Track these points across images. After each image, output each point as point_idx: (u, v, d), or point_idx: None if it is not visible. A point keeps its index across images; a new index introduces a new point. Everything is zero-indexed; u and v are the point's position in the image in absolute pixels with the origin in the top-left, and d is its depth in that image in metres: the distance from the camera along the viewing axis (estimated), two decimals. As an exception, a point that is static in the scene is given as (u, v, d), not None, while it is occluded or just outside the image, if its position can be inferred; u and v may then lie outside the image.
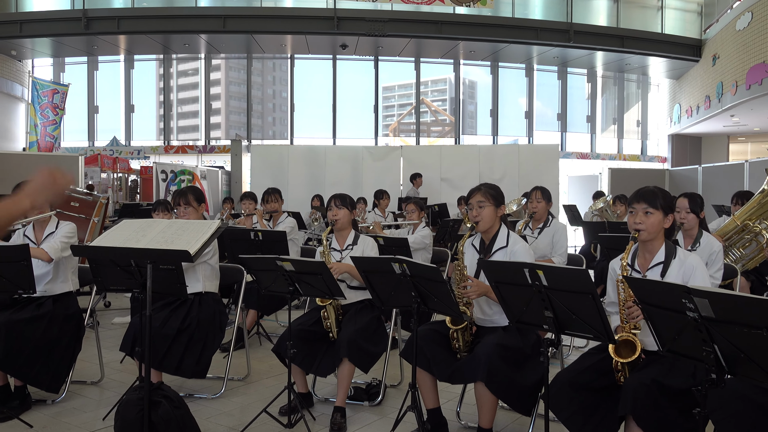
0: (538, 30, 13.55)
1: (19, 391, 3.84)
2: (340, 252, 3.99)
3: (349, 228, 4.07)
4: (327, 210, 4.10)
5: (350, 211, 4.05)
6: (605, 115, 17.74)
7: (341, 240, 4.06)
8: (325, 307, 3.72)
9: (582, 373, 2.76)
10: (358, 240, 4.03)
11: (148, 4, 13.32)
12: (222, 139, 16.53)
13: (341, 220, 4.01)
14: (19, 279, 3.46)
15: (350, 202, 4.08)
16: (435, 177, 12.67)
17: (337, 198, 4.05)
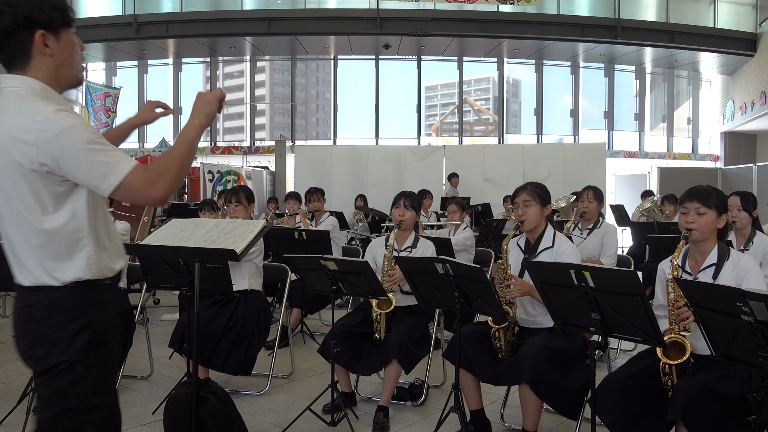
0: (585, 27, 13.29)
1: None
2: (398, 253, 3.97)
3: (411, 230, 4.05)
4: (393, 208, 4.02)
5: (417, 213, 4.01)
6: (654, 112, 17.28)
7: (401, 240, 4.02)
8: (380, 314, 3.69)
9: (630, 377, 2.70)
10: (418, 243, 4.01)
11: (195, 8, 13.61)
12: (267, 139, 16.77)
13: (407, 221, 3.96)
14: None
15: (419, 204, 4.02)
16: (478, 177, 12.57)
17: (407, 198, 3.97)
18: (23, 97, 1.67)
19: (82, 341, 1.74)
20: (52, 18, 1.71)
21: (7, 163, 1.66)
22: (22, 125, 1.63)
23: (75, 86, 1.86)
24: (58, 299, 1.74)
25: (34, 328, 1.75)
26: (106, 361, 1.82)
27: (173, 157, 1.77)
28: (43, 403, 1.77)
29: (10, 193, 1.69)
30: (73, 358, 1.74)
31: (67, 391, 1.75)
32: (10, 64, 1.73)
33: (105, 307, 1.80)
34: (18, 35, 1.68)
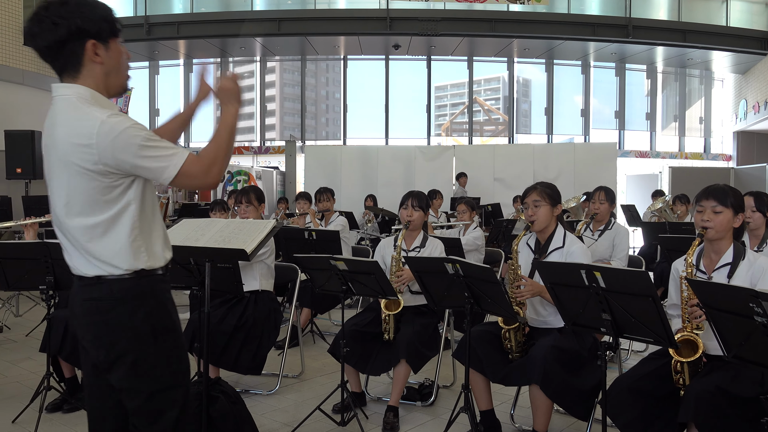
0: (595, 26, 13.23)
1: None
2: (407, 253, 3.96)
3: (420, 229, 4.04)
4: (401, 208, 4.02)
5: (425, 213, 3.99)
6: (666, 112, 17.16)
7: (409, 241, 4.02)
8: (389, 315, 3.69)
9: (642, 378, 2.68)
10: (427, 242, 4.00)
11: (206, 9, 13.67)
12: (276, 140, 16.82)
13: (415, 221, 3.95)
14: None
15: (426, 204, 4.01)
16: (488, 177, 12.54)
17: (415, 198, 3.95)
18: (76, 104, 1.81)
19: (147, 328, 1.87)
20: (101, 29, 1.84)
21: (66, 165, 1.80)
22: (81, 131, 1.76)
23: (121, 92, 1.99)
24: (120, 290, 1.85)
25: (101, 320, 1.85)
26: (173, 345, 1.94)
27: (219, 145, 1.91)
28: (128, 395, 1.89)
29: (71, 191, 1.82)
30: (142, 345, 1.86)
31: (147, 376, 1.88)
32: (62, 71, 1.85)
33: (161, 295, 1.93)
34: (71, 45, 1.81)
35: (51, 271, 3.57)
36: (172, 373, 1.94)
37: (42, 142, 1.93)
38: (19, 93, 12.18)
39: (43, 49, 1.83)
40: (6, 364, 4.84)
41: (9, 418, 3.66)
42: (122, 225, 1.85)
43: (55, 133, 1.83)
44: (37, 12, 1.81)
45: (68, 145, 1.79)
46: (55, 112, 1.85)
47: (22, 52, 12.34)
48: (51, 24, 1.79)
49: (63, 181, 1.83)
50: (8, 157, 9.96)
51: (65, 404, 3.80)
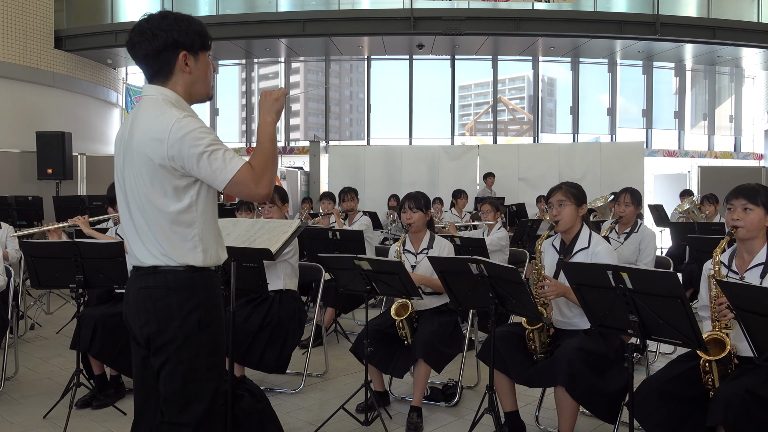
0: (622, 23, 13.03)
1: (114, 380, 4.07)
2: (415, 255, 3.94)
3: (424, 230, 3.99)
4: (400, 212, 4.01)
5: (425, 213, 3.94)
6: (694, 110, 16.86)
7: (416, 243, 3.99)
8: (401, 320, 3.67)
9: (670, 381, 2.64)
10: (434, 243, 3.96)
11: (231, 11, 13.79)
12: (301, 140, 16.90)
13: (416, 223, 3.92)
14: (114, 274, 3.67)
15: (425, 203, 3.95)
16: (513, 176, 12.46)
17: (411, 200, 3.92)
18: (160, 103, 1.98)
19: (194, 320, 1.99)
20: (193, 41, 2.05)
21: (141, 157, 1.95)
22: (158, 127, 1.92)
23: (205, 100, 2.16)
24: (174, 281, 1.99)
25: (153, 307, 1.99)
26: (215, 340, 2.06)
27: (266, 155, 2.00)
28: (169, 377, 2.00)
29: (142, 184, 1.96)
30: (187, 334, 1.98)
31: (186, 364, 1.99)
32: (154, 76, 2.04)
33: (212, 290, 2.05)
34: (166, 54, 2.01)
35: (81, 270, 3.63)
36: (208, 367, 2.04)
37: (117, 135, 2.12)
38: (50, 95, 12.44)
39: (140, 57, 2.03)
40: (37, 360, 4.95)
41: (40, 413, 3.74)
42: (185, 221, 1.99)
43: (134, 127, 1.99)
44: (140, 24, 2.02)
45: (145, 139, 1.94)
46: (139, 109, 2.04)
47: (52, 55, 12.59)
48: (151, 35, 1.99)
49: (137, 172, 1.97)
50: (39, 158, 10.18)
51: (94, 401, 3.87)
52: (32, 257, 3.73)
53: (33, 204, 8.07)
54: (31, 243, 3.82)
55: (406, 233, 3.98)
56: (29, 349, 5.26)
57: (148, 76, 2.07)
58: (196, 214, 2.01)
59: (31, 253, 3.72)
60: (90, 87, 13.74)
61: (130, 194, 2.02)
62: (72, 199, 8.46)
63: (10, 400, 4.03)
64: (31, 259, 3.73)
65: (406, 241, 4.00)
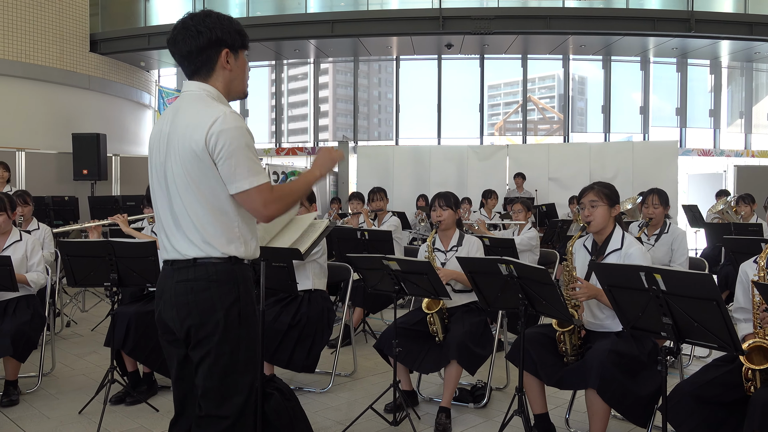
0: (656, 20, 12.79)
1: (147, 377, 4.14)
2: (445, 253, 3.95)
3: (453, 228, 4.02)
4: (430, 210, 4.05)
5: (455, 211, 3.98)
6: (731, 108, 16.46)
7: (446, 241, 4.01)
8: (432, 314, 3.69)
9: (706, 385, 2.58)
10: (463, 240, 3.97)
11: (261, 13, 13.93)
12: (329, 140, 16.97)
13: (445, 221, 3.95)
14: (147, 273, 3.74)
15: (455, 202, 3.99)
16: (543, 176, 12.32)
17: (441, 198, 3.96)
18: (204, 98, 2.03)
19: (235, 312, 2.00)
20: (235, 40, 2.09)
21: (186, 149, 1.97)
22: (203, 118, 1.95)
23: (241, 98, 2.21)
24: (215, 273, 1.99)
25: (194, 299, 1.99)
26: (252, 333, 2.07)
27: (293, 190, 2.08)
28: (209, 372, 2.00)
29: (187, 173, 1.98)
30: (228, 327, 1.98)
31: (229, 357, 1.99)
32: (195, 73, 2.08)
33: (249, 284, 2.07)
34: (208, 52, 2.05)
35: (115, 269, 3.71)
36: (246, 360, 2.04)
37: (154, 132, 2.13)
38: (86, 98, 12.72)
39: (183, 53, 2.05)
40: (73, 357, 5.06)
41: (76, 408, 3.82)
42: (230, 211, 2.00)
43: (178, 120, 2.02)
44: (184, 21, 2.05)
45: (190, 130, 1.96)
46: (181, 103, 2.08)
47: (88, 58, 12.87)
48: (195, 32, 2.02)
49: (183, 162, 1.98)
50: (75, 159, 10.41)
51: (128, 397, 3.95)
52: (68, 256, 3.81)
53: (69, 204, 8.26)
54: (67, 242, 3.92)
55: (435, 231, 3.98)
56: (65, 346, 5.39)
57: (189, 72, 2.10)
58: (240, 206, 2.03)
59: (67, 252, 3.81)
60: (124, 89, 14.01)
61: (172, 186, 2.03)
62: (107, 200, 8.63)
63: (47, 396, 4.13)
64: (67, 258, 3.81)
65: (435, 239, 4.00)
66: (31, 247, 4.14)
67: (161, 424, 3.64)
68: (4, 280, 3.78)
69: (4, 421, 3.66)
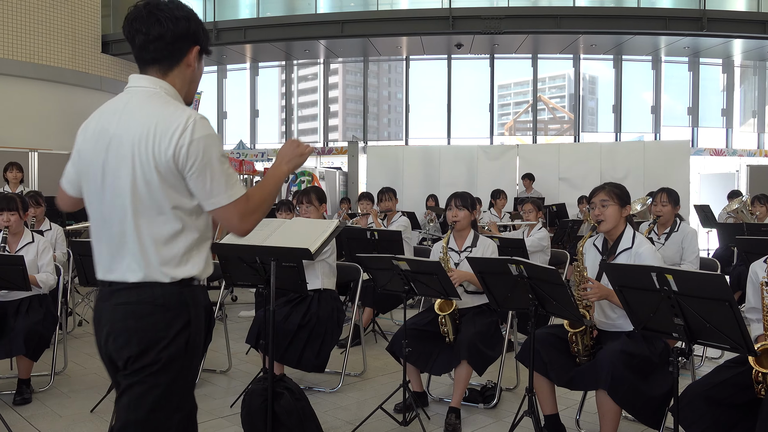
0: (667, 19, 12.71)
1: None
2: (459, 253, 3.93)
3: (468, 229, 4.00)
4: (446, 209, 4.02)
5: (471, 212, 3.96)
6: (744, 107, 16.33)
7: (460, 241, 3.99)
8: (444, 316, 3.68)
9: (717, 386, 2.56)
10: (478, 241, 3.96)
11: (272, 13, 13.97)
12: (339, 140, 17.00)
13: (462, 221, 3.93)
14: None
15: (471, 203, 3.98)
16: (553, 176, 12.27)
17: (458, 198, 3.95)
18: (161, 96, 1.77)
19: (182, 341, 1.75)
20: (206, 41, 1.88)
21: (143, 159, 1.70)
22: (169, 125, 1.69)
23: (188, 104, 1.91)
24: (162, 296, 1.73)
25: (136, 326, 1.72)
26: (195, 363, 1.84)
27: (265, 195, 1.86)
28: (135, 402, 1.73)
29: (143, 188, 1.71)
30: (172, 357, 1.73)
31: (164, 389, 1.73)
32: (153, 64, 1.80)
33: (200, 308, 1.82)
34: (181, 43, 1.80)
35: (126, 269, 3.72)
36: (183, 393, 1.80)
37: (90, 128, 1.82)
38: (98, 98, 12.76)
39: (152, 36, 1.76)
40: (85, 356, 5.10)
41: (88, 407, 3.85)
42: (185, 229, 1.76)
43: (128, 121, 1.74)
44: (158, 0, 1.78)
45: (149, 136, 1.70)
46: (130, 100, 1.78)
47: (99, 59, 12.97)
48: (173, 17, 1.77)
49: (131, 174, 1.72)
50: (87, 159, 10.48)
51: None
52: (80, 256, 3.84)
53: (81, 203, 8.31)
54: (79, 242, 3.95)
55: (450, 231, 3.95)
56: (77, 345, 5.43)
57: (147, 60, 1.80)
58: (199, 221, 1.80)
59: (79, 251, 3.84)
60: (135, 89, 14.10)
61: (117, 198, 1.74)
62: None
63: (59, 394, 4.16)
64: (79, 257, 3.84)
65: (450, 239, 3.98)
66: (42, 248, 4.18)
67: (172, 423, 3.65)
68: (17, 279, 3.81)
69: (17, 419, 3.69)
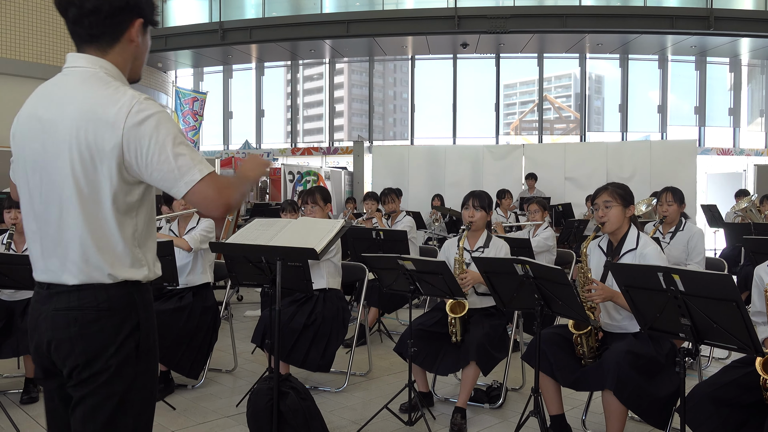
0: (674, 18, 12.67)
1: (163, 375, 4.18)
2: (471, 253, 3.91)
3: (482, 229, 3.98)
4: (462, 209, 3.99)
5: (487, 213, 3.93)
6: (751, 106, 16.25)
7: (472, 241, 3.97)
8: (455, 318, 3.66)
9: (724, 387, 2.55)
10: (491, 243, 3.94)
11: (277, 13, 13.99)
12: (345, 140, 17.02)
13: (477, 222, 3.90)
14: (164, 272, 3.77)
15: (489, 203, 3.94)
16: (559, 176, 12.25)
17: (476, 198, 3.90)
18: (101, 77, 1.60)
19: (132, 345, 1.63)
20: (150, 12, 1.70)
21: (84, 147, 1.55)
22: (111, 108, 1.54)
23: (134, 82, 1.77)
24: (107, 300, 1.60)
25: (79, 333, 1.58)
26: (152, 368, 1.71)
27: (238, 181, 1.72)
28: (91, 415, 1.59)
29: (83, 179, 1.57)
30: (122, 363, 1.61)
31: (119, 399, 1.61)
32: (92, 41, 1.64)
33: (150, 310, 1.70)
34: (122, 16, 1.63)
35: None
36: (142, 402, 1.67)
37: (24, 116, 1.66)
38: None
39: (86, 10, 1.59)
40: (92, 355, 5.11)
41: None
42: (129, 226, 1.63)
43: (65, 106, 1.58)
44: None
45: (90, 122, 1.54)
46: (67, 82, 1.62)
47: (106, 59, 13.00)
48: None
49: (70, 165, 1.57)
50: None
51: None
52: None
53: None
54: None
55: (465, 231, 3.92)
56: (84, 344, 5.44)
57: (84, 37, 1.63)
58: (143, 218, 1.67)
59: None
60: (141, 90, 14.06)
61: (54, 191, 1.59)
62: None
63: (66, 393, 4.17)
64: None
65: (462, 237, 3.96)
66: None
67: (178, 422, 3.67)
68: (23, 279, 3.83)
69: (24, 417, 3.71)
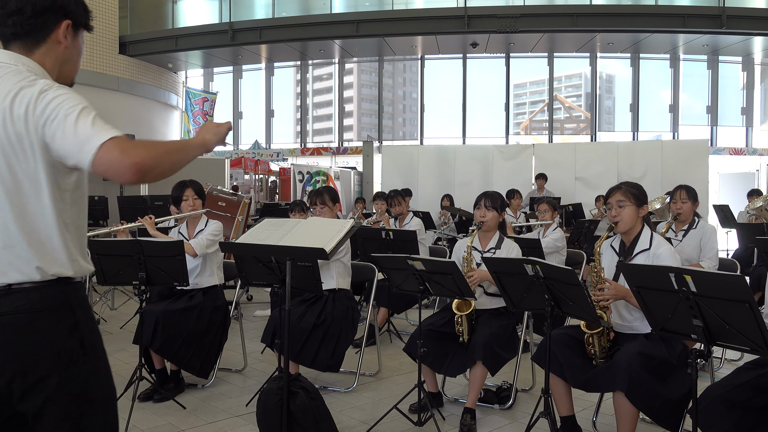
0: (686, 17, 12.57)
1: (174, 374, 4.20)
2: (481, 253, 3.89)
3: (494, 230, 3.95)
4: (474, 208, 3.97)
5: (499, 214, 3.90)
6: (764, 106, 16.10)
7: (484, 241, 3.94)
8: (460, 316, 3.65)
9: (737, 389, 2.53)
10: (502, 243, 3.91)
11: (287, 13, 14.02)
12: (354, 140, 17.03)
13: (489, 222, 3.87)
14: (175, 272, 3.79)
15: (501, 204, 3.91)
16: (569, 176, 12.20)
17: (488, 198, 3.88)
18: (24, 72, 1.56)
19: (75, 343, 1.56)
20: (80, 15, 1.69)
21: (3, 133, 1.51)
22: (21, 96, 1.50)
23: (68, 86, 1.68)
24: (40, 300, 1.53)
25: (13, 339, 1.50)
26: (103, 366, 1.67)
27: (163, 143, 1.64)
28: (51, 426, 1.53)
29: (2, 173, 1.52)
30: (70, 363, 1.55)
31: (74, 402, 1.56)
32: (16, 40, 1.61)
33: (87, 306, 1.65)
34: (47, 17, 1.61)
35: (143, 268, 3.77)
36: (104, 401, 1.65)
37: None
38: (115, 99, 12.95)
39: (9, 10, 1.58)
40: (103, 354, 5.14)
41: (105, 405, 3.88)
42: (57, 218, 1.55)
43: None
44: None
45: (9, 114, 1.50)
46: None
47: (117, 60, 13.11)
48: None
49: None
50: (105, 159, 10.58)
51: (155, 394, 4.00)
52: (98, 255, 3.88)
53: (99, 204, 8.39)
54: (96, 241, 3.99)
55: (476, 231, 3.91)
56: (95, 343, 5.47)
57: (8, 36, 1.61)
58: (70, 210, 1.59)
59: (97, 251, 3.88)
60: (152, 90, 14.24)
61: None
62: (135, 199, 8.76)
63: (77, 392, 4.20)
64: (97, 256, 3.88)
65: (474, 238, 3.96)
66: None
67: (188, 421, 3.69)
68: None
69: (36, 416, 3.73)
